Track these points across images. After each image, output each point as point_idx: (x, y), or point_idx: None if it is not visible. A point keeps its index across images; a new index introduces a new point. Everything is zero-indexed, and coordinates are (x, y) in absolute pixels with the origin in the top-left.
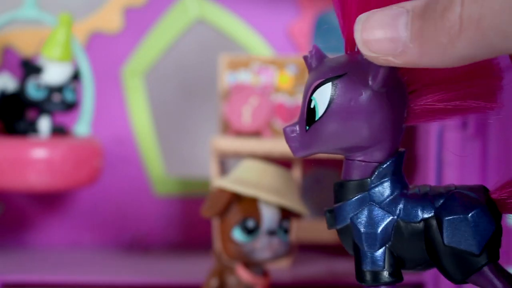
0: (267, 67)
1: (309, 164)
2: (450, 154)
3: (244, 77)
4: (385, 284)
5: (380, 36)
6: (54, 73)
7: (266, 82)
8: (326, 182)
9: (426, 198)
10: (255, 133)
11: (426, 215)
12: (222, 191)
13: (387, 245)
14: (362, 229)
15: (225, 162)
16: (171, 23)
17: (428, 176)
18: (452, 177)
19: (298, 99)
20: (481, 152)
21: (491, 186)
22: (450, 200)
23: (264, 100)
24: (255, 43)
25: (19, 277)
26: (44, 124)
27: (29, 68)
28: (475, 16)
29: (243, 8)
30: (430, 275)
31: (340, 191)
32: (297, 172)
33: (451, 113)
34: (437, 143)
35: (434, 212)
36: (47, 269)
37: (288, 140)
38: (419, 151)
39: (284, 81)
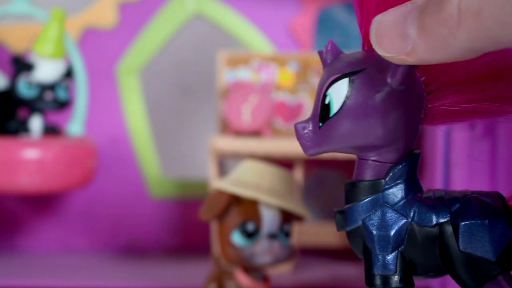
0: (267, 64)
1: (311, 165)
2: (457, 155)
3: (244, 74)
4: None
5: (392, 35)
6: (46, 70)
7: (267, 79)
8: (329, 184)
9: (441, 202)
10: (255, 133)
11: (441, 220)
12: (220, 193)
13: (399, 249)
14: (374, 232)
15: (224, 163)
16: (168, 18)
17: (435, 177)
18: (460, 178)
19: (300, 97)
20: (490, 153)
21: (505, 192)
22: (466, 205)
23: (265, 98)
24: (255, 39)
25: (10, 282)
26: (36, 123)
27: (20, 65)
28: (474, 7)
29: (243, 3)
30: (437, 280)
31: (352, 192)
32: (298, 173)
33: (470, 115)
34: (445, 143)
35: (450, 217)
36: (39, 274)
37: (299, 137)
38: (425, 151)
39: (285, 79)
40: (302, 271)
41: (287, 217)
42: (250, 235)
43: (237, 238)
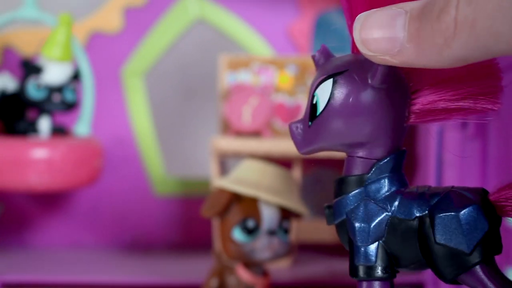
0: (267, 67)
1: (309, 164)
2: (450, 154)
3: (244, 77)
4: (378, 279)
5: (378, 36)
6: (54, 73)
7: (266, 82)
8: (326, 182)
9: (422, 196)
10: (255, 133)
11: (420, 213)
12: (222, 191)
13: (380, 241)
14: (356, 224)
15: (225, 162)
16: (171, 23)
17: (428, 176)
18: (452, 177)
19: (298, 99)
20: (481, 152)
21: (491, 188)
22: (444, 198)
23: (264, 100)
24: (255, 43)
25: (19, 277)
26: (44, 124)
27: (29, 68)
28: (469, 19)
29: (243, 8)
30: (430, 275)
31: (339, 186)
32: (297, 172)
33: (453, 113)
34: (437, 143)
35: (428, 210)
36: (47, 269)
37: (292, 136)
38: (419, 151)
39: (284, 81)
40: (300, 266)
41: (286, 214)
42: (250, 232)
43: (237, 234)
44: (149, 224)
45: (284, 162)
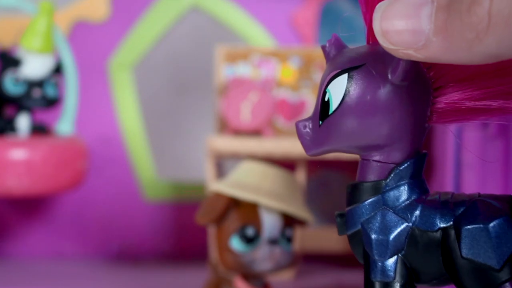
0: (268, 59)
1: (314, 166)
2: (469, 155)
3: (243, 70)
4: None
5: (401, 27)
6: (34, 66)
7: (267, 75)
8: (333, 186)
9: (446, 205)
10: (255, 132)
11: (444, 224)
12: (218, 195)
13: (399, 254)
14: (372, 235)
15: (222, 164)
16: (163, 11)
17: (445, 179)
18: (472, 180)
19: (303, 95)
20: (504, 153)
21: None
22: (471, 208)
23: (265, 95)
24: (255, 33)
25: None
26: (23, 122)
27: (7, 60)
28: (505, 12)
29: None
30: None
31: (353, 193)
32: (301, 175)
33: (480, 113)
34: (455, 143)
35: (453, 221)
36: (28, 282)
37: (300, 136)
38: (435, 151)
39: (287, 75)
40: (304, 278)
41: (289, 221)
42: (250, 241)
43: (236, 243)
44: (138, 232)
45: (286, 164)
